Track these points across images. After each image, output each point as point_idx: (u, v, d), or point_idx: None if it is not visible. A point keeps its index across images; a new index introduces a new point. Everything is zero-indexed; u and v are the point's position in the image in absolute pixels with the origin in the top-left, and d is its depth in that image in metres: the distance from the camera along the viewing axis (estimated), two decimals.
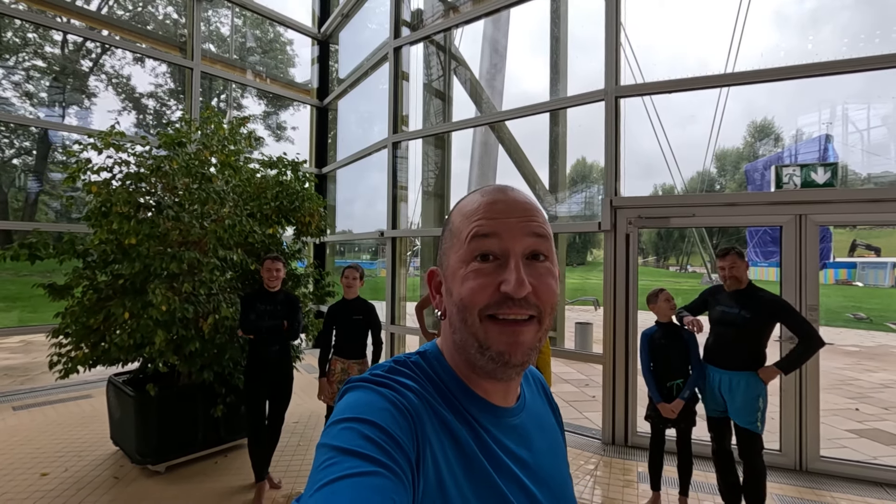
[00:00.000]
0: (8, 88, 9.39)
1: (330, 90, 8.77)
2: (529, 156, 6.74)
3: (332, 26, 8.49)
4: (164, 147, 3.60)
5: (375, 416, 0.51)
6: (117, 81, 11.97)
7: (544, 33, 6.38)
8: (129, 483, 3.54)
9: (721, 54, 4.96)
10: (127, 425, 3.74)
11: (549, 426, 0.75)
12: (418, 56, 6.82)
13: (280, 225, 4.60)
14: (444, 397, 0.60)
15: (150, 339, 3.32)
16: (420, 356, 0.65)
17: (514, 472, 0.60)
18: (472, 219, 0.60)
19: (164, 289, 3.29)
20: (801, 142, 13.39)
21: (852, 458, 4.13)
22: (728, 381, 2.95)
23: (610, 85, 4.40)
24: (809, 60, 3.75)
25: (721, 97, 4.32)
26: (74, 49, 9.38)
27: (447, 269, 0.62)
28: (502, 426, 0.63)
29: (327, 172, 8.66)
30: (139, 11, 9.87)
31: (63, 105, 9.83)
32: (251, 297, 3.37)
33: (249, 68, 9.03)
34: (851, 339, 11.51)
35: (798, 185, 3.80)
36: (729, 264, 2.97)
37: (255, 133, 4.40)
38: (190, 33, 7.13)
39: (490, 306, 0.57)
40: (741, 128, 25.29)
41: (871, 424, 5.16)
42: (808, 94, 6.48)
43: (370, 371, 0.61)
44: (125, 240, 3.40)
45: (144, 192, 3.40)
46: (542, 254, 0.60)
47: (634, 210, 4.30)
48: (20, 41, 9.54)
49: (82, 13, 6.77)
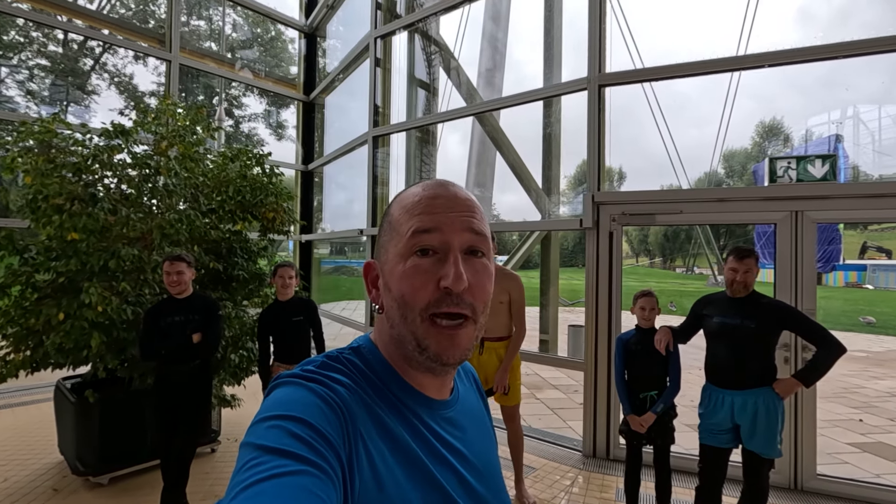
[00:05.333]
0: (12, 87, 9.31)
1: (317, 85, 8.54)
2: (529, 155, 6.46)
3: (317, 18, 8.25)
4: (105, 137, 3.35)
5: (304, 413, 0.50)
6: (118, 80, 11.87)
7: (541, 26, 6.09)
8: (68, 495, 3.30)
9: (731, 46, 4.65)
10: (68, 433, 3.51)
11: (481, 418, 0.75)
12: (401, 47, 6.57)
13: (246, 221, 4.36)
14: (379, 391, 0.59)
15: (86, 341, 3.09)
16: (353, 351, 0.64)
17: (452, 463, 0.61)
18: (412, 213, 0.60)
19: (100, 288, 3.05)
20: (810, 142, 13.14)
21: (853, 474, 3.82)
22: (742, 402, 2.58)
23: (593, 73, 4.11)
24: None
25: (729, 96, 4.01)
26: (77, 48, 9.23)
27: (386, 264, 0.62)
28: (438, 418, 0.63)
29: (313, 169, 8.43)
30: (135, 10, 9.75)
31: (66, 103, 9.72)
32: (153, 311, 2.89)
33: (246, 65, 8.85)
34: (860, 343, 11.10)
35: (793, 179, 3.49)
36: (745, 269, 2.59)
37: (215, 124, 4.15)
38: (168, 24, 6.92)
39: (431, 305, 0.57)
40: (749, 128, 24.87)
41: (875, 437, 4.82)
42: (819, 93, 6.18)
43: (300, 366, 0.59)
44: (67, 235, 3.17)
45: (79, 183, 3.15)
46: (480, 250, 0.60)
47: (618, 206, 4.00)
48: (24, 39, 9.42)
49: (70, 8, 6.59)
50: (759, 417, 2.55)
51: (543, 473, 3.73)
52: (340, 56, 7.89)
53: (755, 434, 2.56)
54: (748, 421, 2.58)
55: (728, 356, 2.66)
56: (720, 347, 2.70)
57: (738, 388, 2.62)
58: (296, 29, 8.56)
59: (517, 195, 6.67)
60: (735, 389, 2.63)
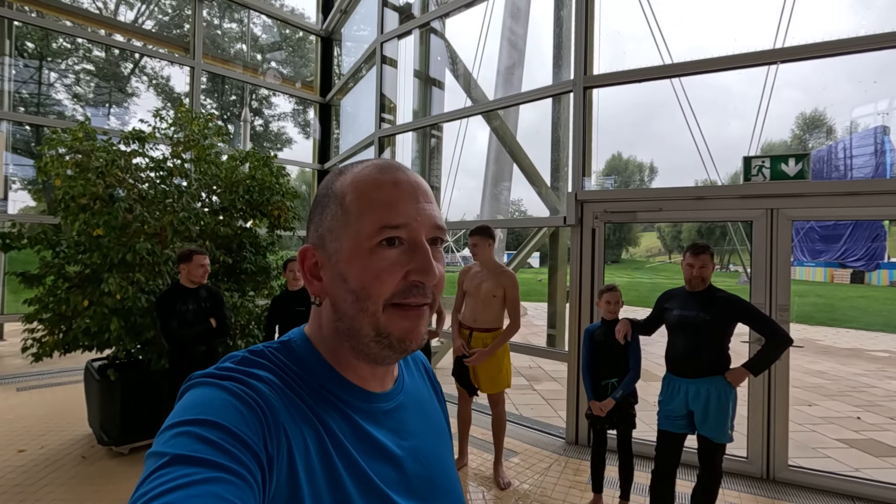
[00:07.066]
0: (60, 91, 10.02)
1: (333, 87, 8.89)
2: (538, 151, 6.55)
3: (332, 22, 8.59)
4: (123, 142, 3.75)
5: (216, 415, 0.46)
6: (156, 83, 12.57)
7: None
8: (94, 462, 3.73)
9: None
10: (94, 409, 3.95)
11: (432, 409, 0.73)
12: (407, 49, 6.81)
13: (256, 218, 4.72)
14: (310, 386, 0.57)
15: (107, 326, 3.48)
16: (282, 344, 0.61)
17: (394, 456, 0.59)
18: (372, 199, 0.56)
19: (118, 278, 3.44)
20: (855, 133, 12.52)
21: (832, 468, 3.87)
22: (696, 390, 2.75)
23: (579, 75, 4.26)
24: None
25: (766, 87, 3.93)
26: (119, 53, 9.85)
27: (338, 252, 0.57)
28: (377, 411, 0.61)
29: (329, 168, 8.81)
30: (166, 21, 10.33)
31: (108, 105, 10.39)
32: (168, 299, 3.14)
33: (272, 68, 9.27)
34: (886, 343, 10.74)
35: (767, 177, 3.56)
36: (701, 264, 2.77)
37: (224, 128, 4.51)
38: (192, 32, 7.37)
39: (395, 295, 0.56)
40: (790, 120, 23.86)
41: (868, 434, 4.80)
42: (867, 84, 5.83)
43: (217, 364, 0.55)
44: (93, 231, 3.58)
45: (101, 184, 3.55)
46: (441, 239, 0.60)
47: (601, 204, 4.15)
48: (70, 45, 10.11)
49: (107, 22, 7.13)
50: (711, 405, 2.71)
51: (524, 457, 3.94)
52: (354, 59, 8.21)
53: (707, 420, 2.72)
54: (701, 408, 2.73)
55: (685, 346, 2.82)
56: (678, 338, 2.87)
57: (692, 377, 2.78)
58: (312, 33, 8.93)
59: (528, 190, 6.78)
60: (690, 378, 2.79)
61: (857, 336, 11.68)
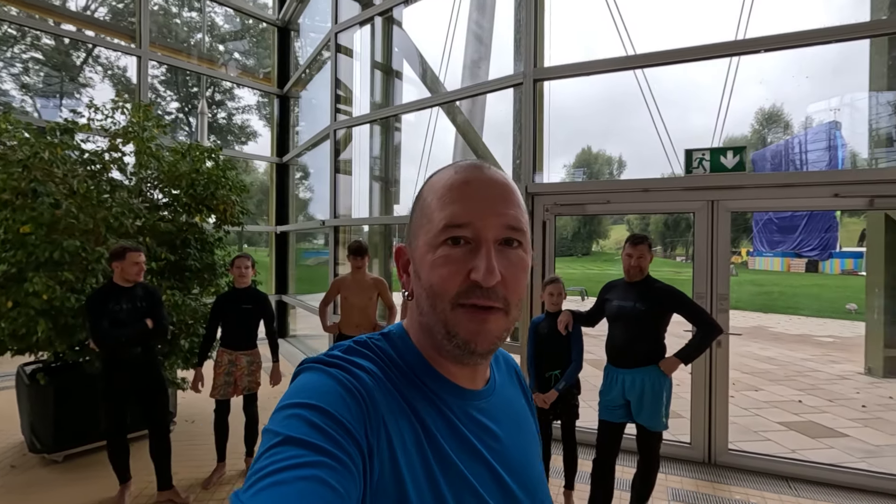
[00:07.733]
0: (7, 80, 9.40)
1: (290, 78, 8.67)
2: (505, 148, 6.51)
3: (288, 12, 8.36)
4: (49, 134, 3.54)
5: (323, 401, 0.49)
6: (111, 73, 11.97)
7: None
8: (25, 471, 3.55)
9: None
10: (25, 414, 3.75)
11: (522, 413, 0.73)
12: (365, 40, 6.69)
13: (202, 213, 4.55)
14: (407, 378, 0.58)
15: (34, 328, 3.30)
16: (383, 336, 0.63)
17: (485, 457, 0.59)
18: (444, 200, 0.57)
19: (44, 278, 3.26)
20: (809, 129, 13.01)
21: (772, 451, 4.02)
22: (631, 380, 2.80)
23: (528, 67, 4.26)
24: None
25: (728, 82, 3.99)
26: (69, 42, 9.32)
27: (416, 250, 0.60)
28: (470, 408, 0.61)
29: (287, 161, 8.60)
30: (120, 9, 9.84)
31: (60, 96, 9.83)
32: (99, 298, 2.93)
33: (231, 60, 8.94)
34: (832, 329, 11.27)
35: (707, 170, 3.65)
36: (639, 254, 2.82)
37: (163, 119, 4.32)
38: (138, 20, 7.05)
39: (460, 295, 0.55)
40: (751, 115, 24.59)
41: (807, 417, 5.02)
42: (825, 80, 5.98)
43: (326, 351, 0.58)
44: (20, 228, 3.37)
45: (24, 178, 3.34)
46: (516, 240, 0.58)
47: (551, 197, 4.18)
48: (17, 33, 9.50)
49: (56, 11, 6.73)
50: (646, 394, 2.76)
51: None
52: (311, 49, 8.02)
53: (642, 409, 2.77)
54: (636, 397, 2.78)
55: (623, 337, 2.87)
56: (617, 329, 2.91)
57: (628, 367, 2.83)
58: (267, 22, 8.68)
59: None
60: (626, 368, 2.83)
61: (806, 322, 12.22)
